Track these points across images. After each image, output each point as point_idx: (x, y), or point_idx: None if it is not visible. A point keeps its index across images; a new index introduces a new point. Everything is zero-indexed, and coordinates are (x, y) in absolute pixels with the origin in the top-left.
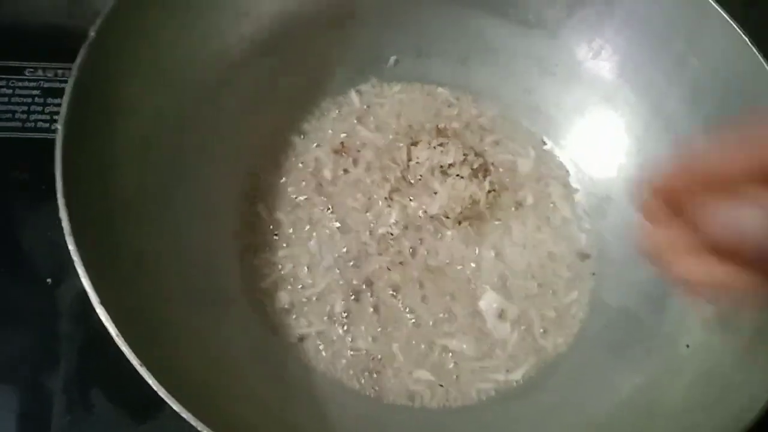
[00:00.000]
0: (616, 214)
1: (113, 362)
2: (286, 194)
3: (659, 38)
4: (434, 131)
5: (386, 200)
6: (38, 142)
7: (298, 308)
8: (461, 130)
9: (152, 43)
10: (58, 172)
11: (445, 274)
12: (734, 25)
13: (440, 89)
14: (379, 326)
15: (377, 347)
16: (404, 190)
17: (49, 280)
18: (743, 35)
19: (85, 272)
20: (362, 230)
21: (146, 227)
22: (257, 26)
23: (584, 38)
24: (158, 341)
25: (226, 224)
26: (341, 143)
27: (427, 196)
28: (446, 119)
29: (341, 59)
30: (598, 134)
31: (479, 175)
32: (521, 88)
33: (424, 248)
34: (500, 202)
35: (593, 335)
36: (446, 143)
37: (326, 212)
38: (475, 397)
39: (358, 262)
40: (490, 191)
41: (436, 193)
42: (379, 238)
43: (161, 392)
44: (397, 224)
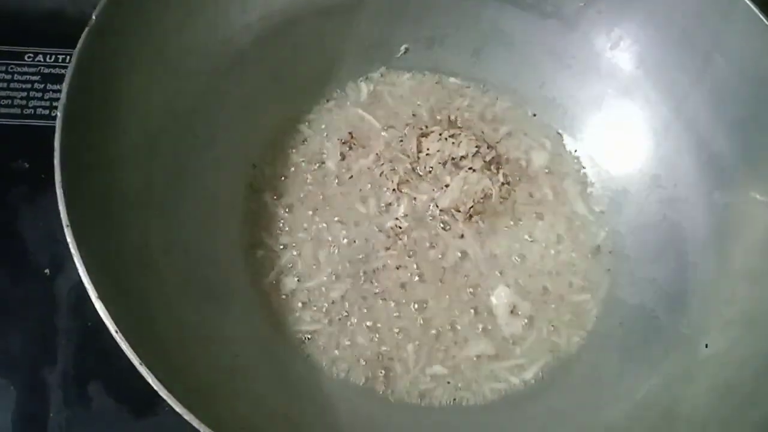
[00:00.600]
0: (632, 209)
1: (111, 355)
2: (292, 186)
3: (683, 33)
4: (446, 122)
5: (395, 192)
6: (37, 129)
7: (303, 304)
8: (473, 121)
9: (156, 29)
10: (57, 159)
11: (455, 269)
12: (764, 18)
13: (452, 79)
14: (386, 323)
15: (385, 344)
16: (414, 182)
17: (47, 270)
18: None
19: (82, 264)
20: (370, 224)
21: (149, 219)
22: (265, 14)
23: (603, 29)
24: (159, 337)
25: (230, 216)
26: (349, 134)
27: (437, 189)
28: (458, 110)
29: (350, 48)
30: (615, 128)
31: (492, 168)
32: (536, 79)
33: (433, 242)
34: (513, 196)
35: (608, 333)
36: (458, 135)
37: (333, 205)
38: (486, 396)
39: (365, 256)
40: (503, 185)
41: (447, 186)
42: (387, 231)
43: (162, 392)
44: (406, 217)
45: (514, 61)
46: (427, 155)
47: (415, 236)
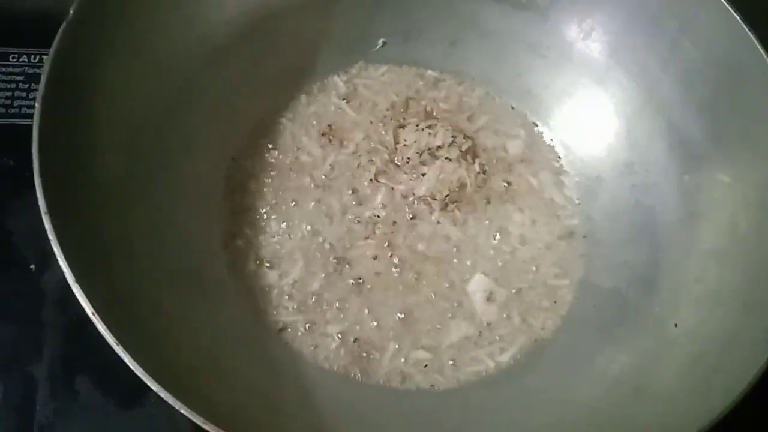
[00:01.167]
0: (606, 195)
1: (98, 348)
2: (270, 178)
3: (652, 20)
4: (422, 113)
5: (372, 183)
6: (22, 128)
7: (282, 292)
8: (450, 112)
9: (135, 25)
10: (34, 148)
11: (431, 257)
12: (727, 5)
13: (429, 72)
14: (365, 310)
15: (363, 331)
16: (391, 172)
17: (33, 266)
18: (736, 16)
19: (60, 250)
20: (348, 213)
21: (129, 210)
22: (243, 9)
23: (575, 19)
24: (140, 324)
25: (210, 208)
26: (328, 126)
27: (414, 178)
28: (434, 101)
29: (328, 42)
30: (589, 116)
31: (468, 157)
32: (511, 70)
33: (410, 231)
34: (489, 184)
35: (582, 316)
36: (434, 125)
37: (312, 196)
38: (462, 379)
39: (343, 246)
40: (478, 174)
41: (423, 175)
42: (365, 221)
43: (137, 371)
44: (384, 207)
45: (489, 52)
46: (404, 146)
47: (392, 226)
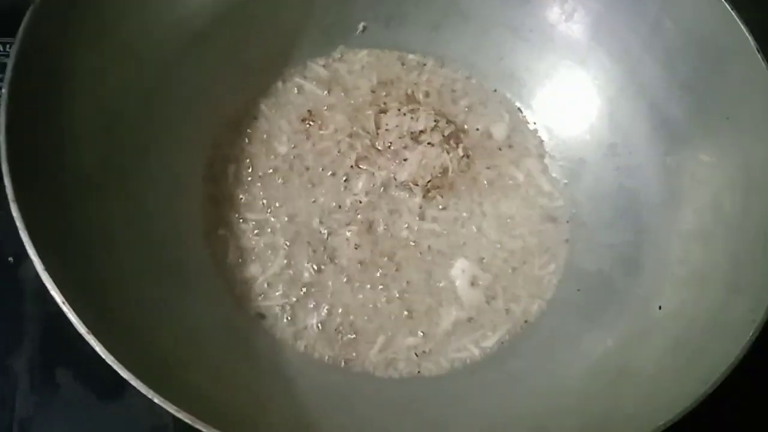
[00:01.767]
0: (590, 178)
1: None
2: (251, 165)
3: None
4: (404, 98)
5: (354, 168)
6: None
7: (264, 281)
8: (432, 96)
9: (106, 9)
10: (2, 134)
11: (414, 243)
12: None
13: (411, 56)
14: (347, 297)
15: (346, 318)
16: (372, 158)
17: (10, 258)
18: None
19: (28, 237)
20: (329, 200)
21: (106, 200)
22: None
23: (557, 1)
24: (117, 314)
25: (191, 196)
26: (308, 111)
27: (396, 164)
28: (416, 85)
29: (308, 27)
30: (572, 99)
31: (451, 141)
32: (494, 53)
33: (392, 218)
34: (472, 169)
35: (567, 300)
36: (417, 110)
37: (293, 183)
38: (447, 366)
39: (325, 233)
40: (462, 158)
41: (405, 160)
42: (347, 207)
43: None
44: (366, 194)
45: (472, 36)
46: (386, 131)
47: (374, 212)
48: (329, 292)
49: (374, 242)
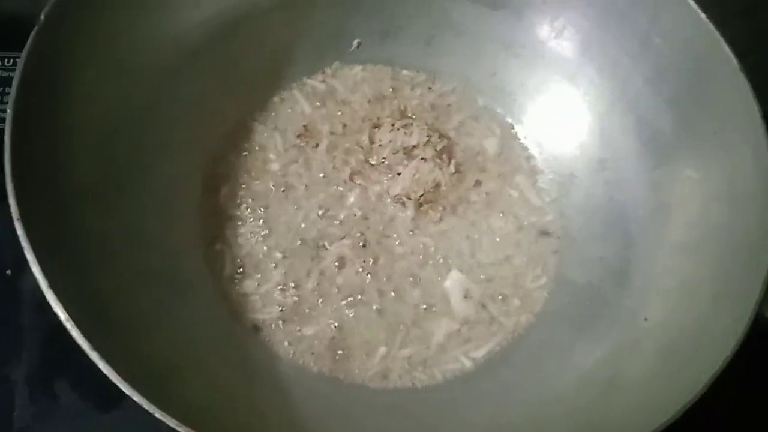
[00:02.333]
0: (580, 192)
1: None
2: (247, 180)
3: (622, 17)
4: (398, 113)
5: (347, 183)
6: None
7: (259, 294)
8: (425, 111)
9: (107, 27)
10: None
11: (407, 256)
12: (693, 4)
13: (404, 71)
14: (341, 310)
15: (341, 331)
16: (366, 172)
17: (8, 271)
18: (703, 15)
19: (33, 256)
20: (324, 214)
21: (105, 213)
22: (216, 11)
23: (547, 18)
24: (116, 326)
25: (188, 210)
26: (303, 126)
27: (389, 178)
28: (410, 101)
29: (303, 43)
30: (562, 114)
31: (443, 156)
32: (486, 69)
33: (386, 231)
34: (464, 183)
35: (557, 311)
36: (410, 125)
37: (288, 197)
38: (441, 377)
39: (320, 245)
40: (453, 173)
41: (399, 174)
42: (341, 221)
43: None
44: (360, 207)
45: (465, 51)
46: (379, 146)
47: (368, 225)
48: (324, 304)
49: (368, 255)
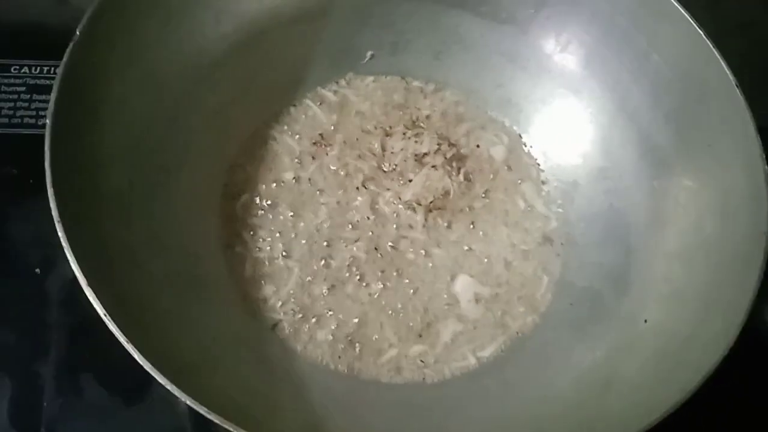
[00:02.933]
0: (583, 200)
1: (102, 347)
2: (265, 186)
3: (623, 34)
4: (409, 122)
5: (360, 189)
6: (25, 137)
7: (277, 295)
8: (435, 120)
9: (136, 42)
10: (47, 161)
11: (418, 260)
12: (691, 21)
13: (415, 82)
14: (356, 310)
15: (354, 330)
16: (378, 179)
17: (38, 270)
18: (700, 31)
19: (72, 255)
20: (339, 219)
21: (132, 217)
22: (237, 25)
23: (552, 33)
24: (144, 324)
25: (209, 214)
26: (319, 135)
27: (401, 184)
28: (420, 110)
29: (319, 55)
30: (566, 125)
31: (453, 164)
32: (493, 81)
33: (398, 236)
34: (472, 190)
35: (559, 314)
36: (420, 133)
37: (303, 203)
38: (449, 374)
39: (335, 249)
40: (462, 181)
41: (410, 180)
42: (354, 225)
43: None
44: (372, 212)
45: (472, 64)
46: (391, 153)
47: (380, 230)
48: (339, 305)
49: (381, 259)
